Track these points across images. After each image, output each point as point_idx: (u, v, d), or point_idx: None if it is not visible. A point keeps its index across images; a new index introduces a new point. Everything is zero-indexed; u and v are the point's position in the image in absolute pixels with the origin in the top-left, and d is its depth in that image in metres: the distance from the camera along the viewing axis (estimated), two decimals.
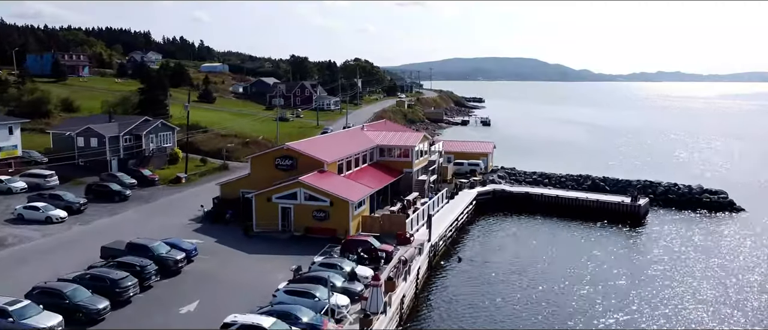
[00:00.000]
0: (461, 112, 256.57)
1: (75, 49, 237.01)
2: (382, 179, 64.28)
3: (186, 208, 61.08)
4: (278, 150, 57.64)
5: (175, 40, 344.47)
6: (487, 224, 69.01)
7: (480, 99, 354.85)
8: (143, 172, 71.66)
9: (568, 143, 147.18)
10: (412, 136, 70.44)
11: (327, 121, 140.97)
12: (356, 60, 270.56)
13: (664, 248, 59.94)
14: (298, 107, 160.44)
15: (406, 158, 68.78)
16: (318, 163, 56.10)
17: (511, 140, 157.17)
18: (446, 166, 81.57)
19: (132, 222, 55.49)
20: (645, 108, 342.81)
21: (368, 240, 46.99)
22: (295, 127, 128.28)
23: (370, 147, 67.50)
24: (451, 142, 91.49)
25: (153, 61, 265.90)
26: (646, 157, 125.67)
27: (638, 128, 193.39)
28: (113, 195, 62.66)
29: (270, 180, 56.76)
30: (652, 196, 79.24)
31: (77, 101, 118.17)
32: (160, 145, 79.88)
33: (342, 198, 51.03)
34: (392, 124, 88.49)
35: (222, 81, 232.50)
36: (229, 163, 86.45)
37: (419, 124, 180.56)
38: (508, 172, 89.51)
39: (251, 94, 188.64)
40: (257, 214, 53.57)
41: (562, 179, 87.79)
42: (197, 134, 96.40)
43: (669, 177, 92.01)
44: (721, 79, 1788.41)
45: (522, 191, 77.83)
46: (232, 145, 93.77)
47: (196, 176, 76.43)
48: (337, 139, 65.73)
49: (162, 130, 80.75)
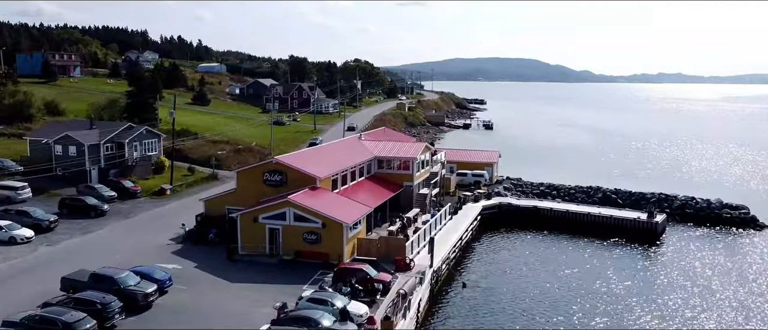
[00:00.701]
0: (463, 114, 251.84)
1: (70, 48, 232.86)
2: (380, 195, 59.49)
3: (167, 224, 56.28)
4: (267, 164, 52.81)
5: (172, 40, 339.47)
6: (493, 242, 64.22)
7: (482, 101, 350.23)
8: (124, 184, 66.80)
9: (574, 149, 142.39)
10: (413, 147, 65.61)
11: (325, 125, 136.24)
12: (356, 61, 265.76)
13: (684, 271, 55.19)
14: (295, 110, 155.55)
15: (406, 171, 63.97)
16: (310, 179, 51.29)
17: (515, 144, 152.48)
18: (449, 177, 76.72)
19: (105, 242, 50.68)
20: (648, 110, 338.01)
21: (363, 269, 42.20)
22: (291, 132, 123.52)
23: (367, 159, 62.68)
24: (454, 150, 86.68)
25: (149, 60, 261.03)
26: (657, 165, 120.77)
27: (644, 132, 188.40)
28: (89, 210, 57.83)
29: (258, 196, 52.09)
30: (668, 210, 74.48)
31: (63, 104, 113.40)
32: (144, 154, 75.00)
33: (335, 220, 46.20)
34: (392, 133, 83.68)
35: (219, 82, 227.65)
36: (219, 172, 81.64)
37: (420, 128, 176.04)
38: (514, 184, 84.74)
39: (248, 96, 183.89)
40: (243, 236, 48.78)
41: (572, 191, 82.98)
42: (186, 141, 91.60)
43: (684, 188, 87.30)
44: (722, 80, 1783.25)
45: (529, 205, 73.00)
46: (223, 153, 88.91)
47: (182, 187, 71.59)
48: (332, 150, 60.88)
49: (147, 137, 75.89)
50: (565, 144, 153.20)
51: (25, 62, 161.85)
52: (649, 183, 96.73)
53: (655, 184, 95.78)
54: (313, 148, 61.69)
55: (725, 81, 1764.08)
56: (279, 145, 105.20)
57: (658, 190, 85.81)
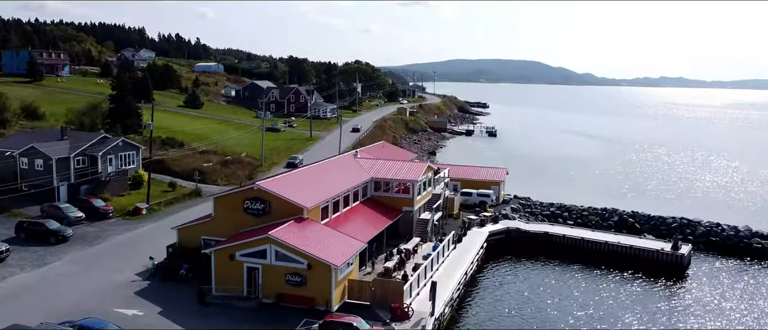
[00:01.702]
0: (465, 119, 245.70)
1: (64, 45, 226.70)
2: (376, 223, 53.20)
3: (137, 253, 50.00)
4: (247, 190, 46.47)
5: (170, 38, 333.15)
6: (500, 274, 57.96)
7: (484, 104, 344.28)
8: (94, 203, 60.46)
9: (581, 160, 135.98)
10: (415, 168, 59.29)
11: (322, 132, 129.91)
12: (357, 63, 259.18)
13: (716, 313, 49.08)
14: (292, 116, 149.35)
15: (406, 195, 57.69)
16: (296, 209, 44.97)
17: (520, 154, 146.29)
18: (453, 197, 70.39)
19: (60, 278, 44.40)
20: (653, 117, 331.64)
21: (354, 323, 35.94)
22: (286, 140, 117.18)
23: (363, 181, 56.39)
24: (458, 167, 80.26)
25: (144, 59, 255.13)
26: (671, 181, 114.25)
27: (651, 141, 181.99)
28: (49, 236, 51.54)
29: (238, 225, 45.90)
30: (691, 237, 68.28)
31: (44, 107, 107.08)
32: (120, 168, 68.65)
33: (323, 261, 39.91)
34: (391, 148, 77.30)
35: (215, 82, 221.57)
36: (204, 187, 75.34)
37: (421, 134, 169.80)
38: (522, 204, 78.46)
39: (244, 98, 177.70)
40: (217, 275, 42.54)
41: (584, 213, 76.79)
42: (170, 153, 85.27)
43: (706, 211, 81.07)
44: (725, 85, 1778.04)
45: (540, 231, 66.64)
46: (210, 165, 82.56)
47: (160, 206, 65.25)
48: (324, 171, 54.52)
49: (123, 149, 69.54)
50: (572, 154, 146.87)
51: (12, 60, 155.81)
52: (668, 204, 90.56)
53: (673, 205, 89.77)
54: (301, 170, 53.86)
55: (727, 86, 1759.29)
56: (272, 155, 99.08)
57: (677, 212, 79.91)
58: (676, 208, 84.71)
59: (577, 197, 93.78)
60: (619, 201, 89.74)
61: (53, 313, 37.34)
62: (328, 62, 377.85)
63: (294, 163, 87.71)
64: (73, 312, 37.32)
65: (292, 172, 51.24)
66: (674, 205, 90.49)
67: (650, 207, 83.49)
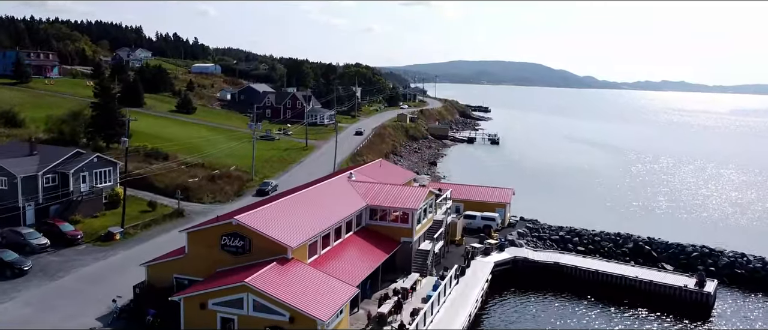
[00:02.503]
0: (467, 124, 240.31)
1: (58, 43, 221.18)
2: (371, 257, 47.83)
3: (102, 291, 44.62)
4: (225, 225, 41.03)
5: (167, 37, 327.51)
6: (505, 313, 52.61)
7: (486, 108, 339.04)
8: (61, 228, 55.03)
9: (590, 173, 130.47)
10: (414, 194, 53.84)
11: (318, 141, 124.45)
12: (357, 66, 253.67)
13: None
14: (288, 122, 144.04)
15: (404, 224, 52.29)
16: (279, 248, 39.61)
17: (524, 164, 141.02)
18: (456, 221, 64.98)
19: (8, 324, 38.97)
20: (660, 124, 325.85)
21: None
22: (280, 149, 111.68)
23: (357, 209, 50.99)
24: (462, 186, 74.79)
25: (140, 59, 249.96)
26: (685, 199, 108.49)
27: (658, 150, 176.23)
28: (4, 268, 46.12)
29: (214, 264, 40.66)
30: (713, 268, 62.97)
31: (26, 112, 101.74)
32: (94, 186, 63.22)
33: (307, 315, 34.54)
34: (389, 167, 71.77)
35: (211, 84, 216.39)
36: (188, 205, 69.98)
37: (422, 142, 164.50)
38: (529, 227, 73.01)
39: (239, 102, 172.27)
40: (187, 326, 37.16)
41: (596, 238, 71.34)
42: (151, 166, 79.86)
43: (726, 236, 75.91)
44: (726, 90, 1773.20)
45: (550, 260, 61.21)
46: (195, 181, 77.07)
47: (137, 230, 59.82)
48: (313, 200, 49.04)
49: (99, 165, 64.06)
50: (577, 164, 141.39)
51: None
52: (683, 226, 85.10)
53: (689, 227, 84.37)
54: (288, 199, 47.31)
55: (729, 91, 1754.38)
56: (264, 167, 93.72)
57: (694, 235, 75.11)
58: (693, 231, 79.44)
59: (586, 215, 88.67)
60: (631, 222, 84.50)
61: None
62: (328, 64, 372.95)
63: (265, 190, 77.49)
64: None
65: (276, 203, 45.73)
66: (690, 227, 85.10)
67: (665, 229, 78.30)
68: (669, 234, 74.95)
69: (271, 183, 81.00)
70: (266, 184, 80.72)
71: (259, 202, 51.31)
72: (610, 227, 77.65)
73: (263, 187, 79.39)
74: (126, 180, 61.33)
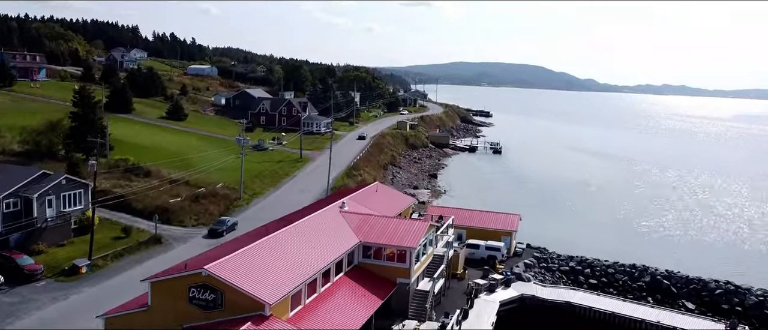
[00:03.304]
0: (468, 131, 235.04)
1: (51, 43, 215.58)
2: (364, 305, 42.32)
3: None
4: (194, 276, 35.49)
5: (164, 37, 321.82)
6: None
7: (487, 113, 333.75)
8: (18, 261, 49.47)
9: (597, 188, 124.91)
10: (412, 230, 48.26)
11: (313, 152, 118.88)
12: (356, 69, 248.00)
13: None
14: (283, 130, 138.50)
15: (401, 263, 46.78)
16: (255, 304, 34.11)
17: (528, 177, 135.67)
18: (458, 253, 59.44)
19: None
20: (666, 132, 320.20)
21: None
22: (273, 161, 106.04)
23: (348, 248, 45.46)
24: (464, 212, 69.15)
25: (134, 60, 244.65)
26: (699, 220, 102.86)
27: (670, 162, 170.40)
28: None
29: (181, 319, 35.25)
30: (740, 308, 57.61)
31: (5, 119, 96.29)
32: (62, 211, 57.65)
33: None
34: (386, 192, 66.01)
35: (207, 86, 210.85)
36: (167, 229, 64.47)
37: (422, 151, 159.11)
38: (536, 257, 67.56)
39: (234, 107, 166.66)
40: None
41: (610, 270, 65.93)
42: (132, 181, 74.40)
43: (753, 268, 70.54)
44: (726, 94, 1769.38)
45: (561, 299, 55.65)
46: (177, 201, 71.48)
47: (107, 260, 54.30)
48: (299, 240, 43.50)
49: (67, 187, 58.53)
50: (584, 178, 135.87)
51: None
52: (702, 253, 79.57)
53: (709, 255, 78.79)
54: (268, 240, 40.78)
55: (729, 95, 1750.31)
56: (253, 183, 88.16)
57: (715, 265, 69.76)
58: (711, 259, 74.32)
59: (595, 238, 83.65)
60: (643, 248, 79.48)
61: None
62: (328, 66, 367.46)
63: (219, 231, 64.20)
64: None
65: (257, 245, 40.13)
66: (708, 253, 79.62)
67: (682, 256, 73.42)
68: (687, 263, 69.93)
69: (227, 221, 66.77)
70: (221, 223, 66.31)
71: (220, 246, 45.16)
72: (623, 254, 72.54)
73: (217, 228, 65.02)
74: (96, 204, 55.69)
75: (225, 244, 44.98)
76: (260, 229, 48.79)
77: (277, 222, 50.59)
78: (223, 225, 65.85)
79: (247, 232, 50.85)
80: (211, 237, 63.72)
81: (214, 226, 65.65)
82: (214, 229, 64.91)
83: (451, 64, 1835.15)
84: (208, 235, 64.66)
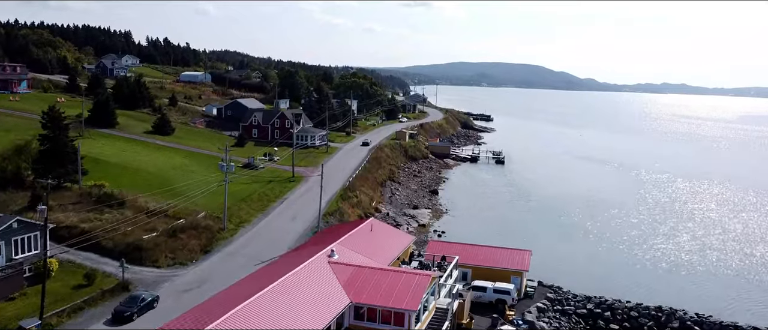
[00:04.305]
0: (470, 138, 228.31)
1: (38, 50, 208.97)
2: None
3: None
4: None
5: (157, 43, 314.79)
6: None
7: (488, 117, 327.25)
8: None
9: (609, 205, 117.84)
10: (413, 286, 41.58)
11: (306, 169, 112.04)
12: (354, 76, 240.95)
13: None
14: (275, 143, 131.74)
15: (399, 327, 40.10)
16: None
17: (534, 191, 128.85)
18: (464, 297, 52.71)
19: None
20: (672, 136, 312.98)
21: None
22: (263, 181, 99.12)
23: (338, 310, 38.81)
24: (469, 248, 62.32)
25: (125, 67, 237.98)
26: (723, 244, 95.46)
27: (682, 171, 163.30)
28: None
29: None
30: None
31: None
32: (12, 258, 50.85)
33: None
34: (382, 229, 59.23)
35: (199, 95, 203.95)
36: (138, 272, 57.56)
37: (422, 163, 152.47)
38: (550, 299, 60.90)
39: (226, 118, 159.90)
40: None
41: (633, 313, 59.20)
42: (104, 214, 67.63)
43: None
44: (726, 92, 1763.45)
45: None
46: (152, 237, 64.55)
47: (62, 317, 47.44)
48: (279, 305, 36.86)
49: (19, 231, 51.70)
50: (593, 193, 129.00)
51: None
52: (741, 293, 71.09)
53: (750, 298, 70.22)
54: (241, 311, 34.16)
55: (729, 93, 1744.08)
56: (240, 210, 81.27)
57: (750, 305, 62.69)
58: (748, 304, 66.83)
59: (612, 269, 76.87)
60: (666, 282, 72.49)
61: None
62: (325, 70, 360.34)
63: (126, 315, 46.31)
64: None
65: (228, 318, 33.41)
66: (745, 296, 70.81)
67: (714, 298, 66.14)
68: (719, 304, 62.86)
69: (140, 298, 48.45)
70: (132, 301, 47.97)
71: (189, 313, 37.94)
72: (646, 289, 66.29)
73: (125, 309, 46.85)
74: (45, 258, 48.71)
75: (194, 310, 38.22)
76: (233, 289, 42.02)
77: (256, 277, 43.92)
78: (133, 305, 47.42)
79: (222, 291, 44.05)
80: (116, 323, 46.31)
81: (122, 307, 47.36)
82: (121, 312, 46.70)
83: (451, 65, 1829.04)
84: (111, 320, 46.77)
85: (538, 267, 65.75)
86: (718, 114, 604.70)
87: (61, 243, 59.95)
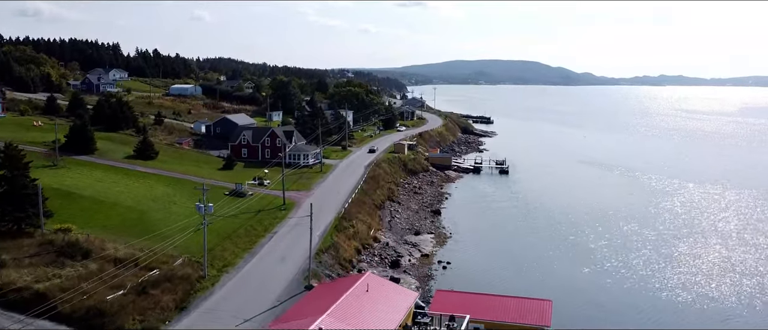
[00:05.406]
0: (470, 144, 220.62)
1: (20, 68, 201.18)
2: None
3: None
4: None
5: (146, 54, 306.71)
6: None
7: (488, 119, 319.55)
8: None
9: (624, 219, 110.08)
10: None
11: (299, 194, 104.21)
12: (349, 84, 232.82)
13: None
14: (266, 163, 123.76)
15: None
16: None
17: (542, 206, 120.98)
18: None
19: None
20: (676, 133, 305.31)
21: None
22: (250, 213, 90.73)
23: None
24: (479, 298, 54.39)
25: (112, 82, 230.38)
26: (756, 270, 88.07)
27: (697, 176, 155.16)
28: None
29: None
30: None
31: None
32: None
33: None
34: (380, 286, 51.22)
35: (189, 109, 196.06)
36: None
37: (422, 177, 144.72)
38: None
39: (215, 136, 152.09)
40: None
41: None
42: (65, 268, 59.71)
43: None
44: (724, 82, 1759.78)
45: None
46: (119, 295, 56.57)
47: None
48: None
49: None
50: (606, 207, 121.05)
51: None
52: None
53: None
54: None
55: (727, 83, 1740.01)
56: (224, 250, 73.40)
57: None
58: None
59: (637, 304, 68.79)
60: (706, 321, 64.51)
61: None
62: (319, 78, 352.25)
63: None
64: None
65: None
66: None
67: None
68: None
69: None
70: None
71: None
72: None
73: None
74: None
75: None
76: None
77: None
78: None
79: None
80: None
81: None
82: None
83: (447, 64, 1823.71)
84: None
85: (556, 309, 57.80)
86: (718, 107, 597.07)
87: (10, 309, 52.24)
